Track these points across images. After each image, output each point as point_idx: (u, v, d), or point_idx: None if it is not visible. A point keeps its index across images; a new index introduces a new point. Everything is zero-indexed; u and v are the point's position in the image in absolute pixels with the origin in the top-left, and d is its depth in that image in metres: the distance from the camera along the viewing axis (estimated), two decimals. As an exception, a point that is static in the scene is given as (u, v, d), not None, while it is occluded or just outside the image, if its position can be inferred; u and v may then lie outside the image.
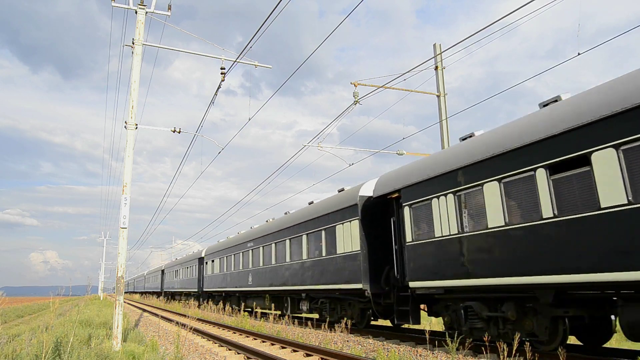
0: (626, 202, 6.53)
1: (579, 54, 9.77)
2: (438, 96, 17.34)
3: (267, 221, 23.47)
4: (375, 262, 13.17)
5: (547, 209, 7.68)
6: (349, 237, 13.98)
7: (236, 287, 25.67)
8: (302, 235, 17.54)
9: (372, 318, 14.54)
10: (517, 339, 7.50)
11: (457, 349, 8.67)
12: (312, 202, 18.40)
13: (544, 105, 8.64)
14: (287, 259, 18.68)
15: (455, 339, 8.56)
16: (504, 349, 7.06)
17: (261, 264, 21.73)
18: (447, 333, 9.68)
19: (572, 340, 9.75)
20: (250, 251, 23.60)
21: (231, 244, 27.63)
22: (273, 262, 20.25)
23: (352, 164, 18.54)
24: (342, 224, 14.48)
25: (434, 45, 17.30)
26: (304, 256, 17.12)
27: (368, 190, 13.83)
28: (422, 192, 10.96)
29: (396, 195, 12.10)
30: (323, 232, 15.82)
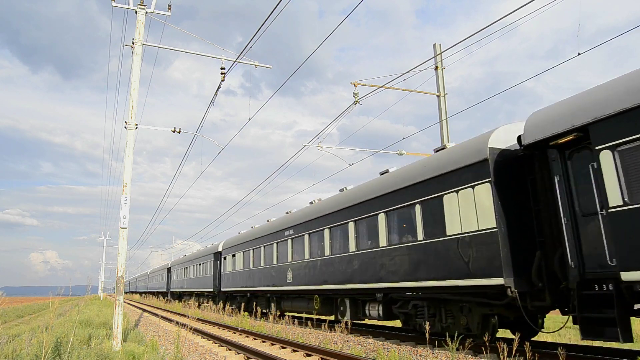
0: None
1: (579, 54, 9.77)
2: (438, 96, 17.35)
3: (311, 203, 19.05)
4: (520, 246, 8.98)
5: None
6: (472, 210, 9.64)
7: (268, 285, 21.14)
8: (377, 214, 13.06)
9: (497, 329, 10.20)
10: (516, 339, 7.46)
11: (457, 349, 8.66)
12: (386, 171, 14.04)
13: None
14: (352, 248, 14.31)
15: (455, 339, 8.49)
16: (504, 349, 7.06)
17: (307, 256, 17.45)
18: (447, 333, 9.51)
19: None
20: (290, 241, 19.15)
21: (260, 234, 22.96)
22: (327, 253, 15.90)
23: (352, 163, 18.55)
24: (459, 190, 10.04)
25: (434, 45, 17.31)
26: (382, 243, 12.69)
27: (502, 139, 9.76)
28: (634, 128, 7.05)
29: (572, 137, 8.04)
30: (418, 206, 11.32)
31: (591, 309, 7.54)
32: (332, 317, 16.28)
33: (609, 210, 7.26)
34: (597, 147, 7.48)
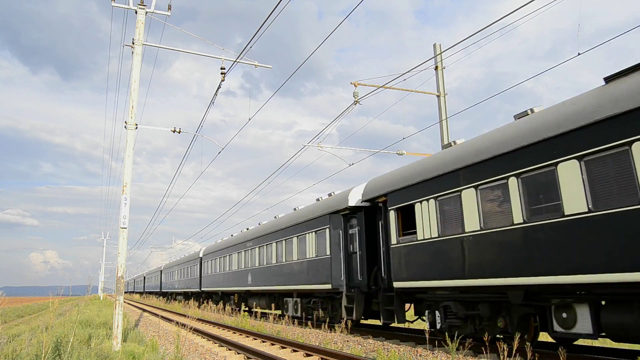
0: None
1: (579, 54, 9.76)
2: (438, 96, 17.35)
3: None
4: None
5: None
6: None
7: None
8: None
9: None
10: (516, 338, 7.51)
11: (457, 349, 8.67)
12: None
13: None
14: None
15: (455, 338, 8.57)
16: (504, 349, 7.06)
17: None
18: (446, 333, 9.71)
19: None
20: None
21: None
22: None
23: (352, 164, 18.54)
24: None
25: (434, 45, 17.31)
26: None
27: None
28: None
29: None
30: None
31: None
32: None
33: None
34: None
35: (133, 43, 11.07)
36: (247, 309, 25.01)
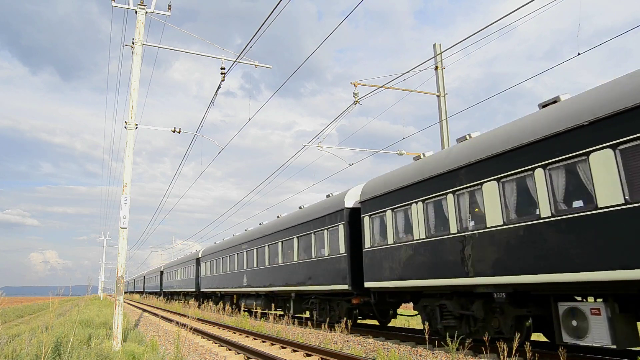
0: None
1: (579, 54, 9.77)
2: (438, 96, 17.35)
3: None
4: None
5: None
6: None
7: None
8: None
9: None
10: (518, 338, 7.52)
11: (457, 349, 8.67)
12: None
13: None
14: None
15: (455, 338, 8.58)
16: (504, 349, 7.06)
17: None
18: (446, 334, 9.75)
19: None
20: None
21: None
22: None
23: (352, 164, 18.54)
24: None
25: (434, 45, 17.31)
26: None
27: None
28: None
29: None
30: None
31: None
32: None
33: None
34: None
35: (133, 43, 11.07)
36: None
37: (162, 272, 56.41)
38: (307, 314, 18.54)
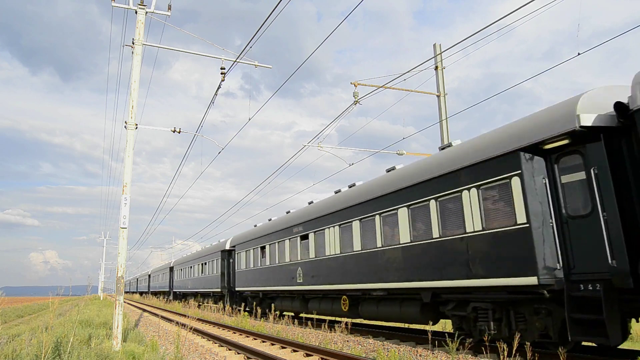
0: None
1: (578, 54, 9.78)
2: (438, 96, 17.35)
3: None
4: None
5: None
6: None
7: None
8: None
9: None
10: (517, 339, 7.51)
11: (457, 349, 8.67)
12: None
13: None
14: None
15: (455, 339, 8.57)
16: (504, 349, 7.06)
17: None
18: (446, 334, 9.71)
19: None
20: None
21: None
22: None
23: (352, 164, 18.55)
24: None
25: (434, 45, 17.32)
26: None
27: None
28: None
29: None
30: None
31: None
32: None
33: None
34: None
35: (133, 43, 11.08)
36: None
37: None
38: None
